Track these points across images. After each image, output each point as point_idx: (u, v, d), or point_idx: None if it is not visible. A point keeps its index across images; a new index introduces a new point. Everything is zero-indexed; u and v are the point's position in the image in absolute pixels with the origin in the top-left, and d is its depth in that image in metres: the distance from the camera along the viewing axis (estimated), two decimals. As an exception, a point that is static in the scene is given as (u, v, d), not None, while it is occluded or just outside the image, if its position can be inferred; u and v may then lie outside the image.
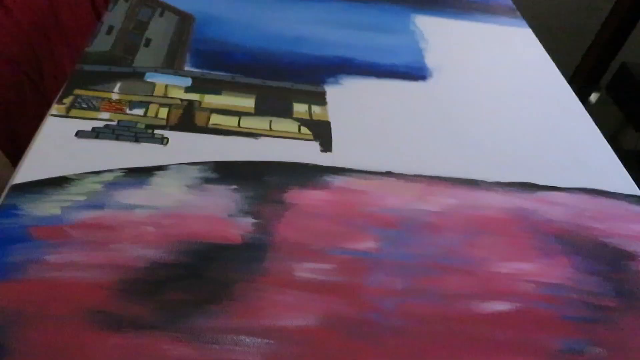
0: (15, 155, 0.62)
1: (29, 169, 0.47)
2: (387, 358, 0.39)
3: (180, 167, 0.50)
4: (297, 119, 0.58)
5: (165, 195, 0.47)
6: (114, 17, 0.70)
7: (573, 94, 0.72)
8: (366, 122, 0.60)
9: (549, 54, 0.79)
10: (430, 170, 0.55)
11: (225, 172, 0.50)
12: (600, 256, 0.50)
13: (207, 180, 0.49)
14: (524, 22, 0.87)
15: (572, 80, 1.62)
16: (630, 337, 0.43)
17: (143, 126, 0.53)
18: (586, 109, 0.69)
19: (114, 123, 0.53)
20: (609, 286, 0.47)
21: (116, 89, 0.57)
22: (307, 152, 0.54)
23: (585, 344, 0.42)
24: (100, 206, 0.45)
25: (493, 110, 0.66)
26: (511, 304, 0.44)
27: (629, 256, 0.50)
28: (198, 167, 0.50)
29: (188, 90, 0.59)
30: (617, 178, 0.59)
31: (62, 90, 0.56)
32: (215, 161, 0.51)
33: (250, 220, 0.46)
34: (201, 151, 0.52)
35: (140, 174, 0.48)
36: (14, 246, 0.41)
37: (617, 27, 1.50)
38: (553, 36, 1.07)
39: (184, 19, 0.71)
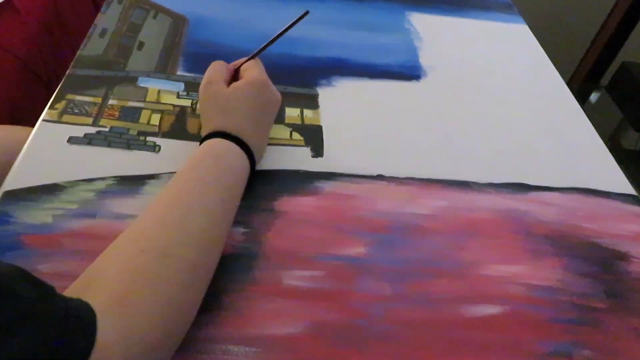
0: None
1: (21, 175, 0.48)
2: (376, 364, 0.39)
3: (172, 176, 0.50)
4: (289, 125, 0.58)
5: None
6: (107, 19, 0.70)
7: (568, 91, 0.72)
8: (358, 124, 0.60)
9: (548, 54, 0.79)
10: (422, 173, 0.55)
11: (216, 178, 0.50)
12: (592, 257, 0.50)
13: (199, 187, 0.49)
14: (520, 18, 0.86)
15: (572, 80, 1.61)
16: (618, 339, 0.44)
17: (135, 133, 0.53)
18: (586, 109, 0.69)
19: (106, 129, 0.53)
20: (599, 287, 0.47)
21: (109, 94, 0.57)
22: (299, 158, 0.54)
23: (574, 347, 0.42)
24: (92, 215, 0.45)
25: (486, 110, 0.66)
26: (500, 307, 0.44)
27: (621, 256, 0.51)
28: (189, 174, 0.50)
29: (180, 95, 0.59)
30: (611, 177, 0.59)
31: (54, 95, 0.57)
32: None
33: (240, 229, 0.46)
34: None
35: (132, 183, 0.49)
36: (6, 254, 0.41)
37: (617, 27, 1.49)
38: (553, 36, 1.07)
39: (177, 21, 0.71)
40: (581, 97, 0.69)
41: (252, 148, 0.47)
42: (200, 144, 0.47)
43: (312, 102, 0.62)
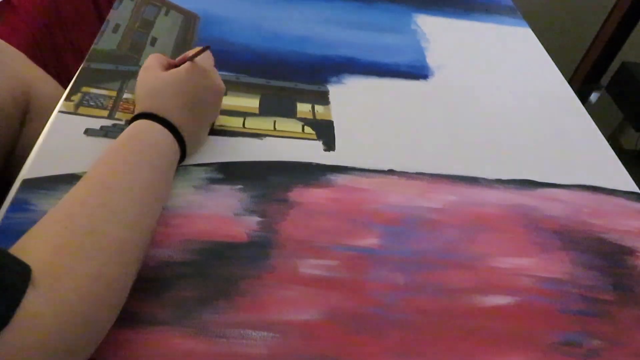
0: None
1: (39, 165, 0.48)
2: (390, 351, 0.40)
3: (187, 168, 0.51)
4: (300, 119, 0.59)
5: (173, 195, 0.48)
6: (120, 15, 0.71)
7: (572, 92, 0.73)
8: (368, 121, 0.61)
9: (549, 54, 0.80)
10: (432, 168, 0.56)
11: (230, 172, 0.51)
12: (598, 251, 0.51)
13: (213, 181, 0.50)
14: (523, 22, 0.88)
15: (572, 80, 1.63)
16: (626, 329, 0.44)
17: (150, 125, 0.54)
18: (586, 109, 0.70)
19: (122, 122, 0.54)
20: (607, 280, 0.48)
21: (123, 88, 0.58)
22: (311, 151, 0.55)
23: (583, 337, 0.43)
24: (109, 204, 0.46)
25: (493, 108, 0.67)
26: (511, 297, 0.45)
27: (627, 251, 0.52)
28: (204, 168, 0.51)
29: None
30: (615, 175, 0.60)
31: (69, 87, 0.57)
32: (220, 162, 0.52)
33: (255, 218, 0.47)
34: (207, 152, 0.53)
35: (148, 172, 0.49)
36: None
37: (617, 27, 1.51)
38: (553, 36, 1.08)
39: (189, 18, 0.72)
40: (581, 97, 0.70)
41: (180, 130, 0.47)
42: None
43: (323, 98, 0.62)
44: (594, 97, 1.57)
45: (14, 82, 0.61)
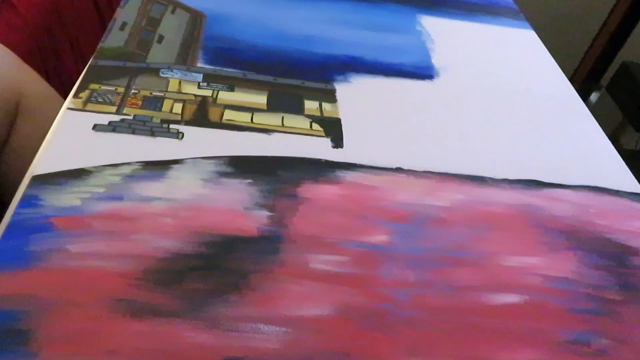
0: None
1: (48, 161, 0.48)
2: (400, 347, 0.40)
3: (196, 161, 0.51)
4: (308, 116, 0.59)
5: (182, 188, 0.48)
6: (127, 13, 0.71)
7: (576, 94, 0.74)
8: (375, 119, 0.61)
9: (549, 53, 0.81)
10: (439, 167, 0.56)
11: (239, 166, 0.51)
12: (605, 251, 0.51)
13: (222, 174, 0.50)
14: (527, 24, 0.88)
15: (572, 80, 1.63)
16: (633, 328, 0.45)
17: (158, 121, 0.54)
18: (586, 109, 0.71)
19: (130, 117, 0.54)
20: (613, 280, 0.48)
21: (131, 84, 0.58)
22: (319, 147, 0.55)
23: (591, 335, 0.43)
24: (119, 198, 0.46)
25: (499, 109, 0.67)
26: (519, 296, 0.45)
27: (632, 251, 0.52)
28: (213, 161, 0.51)
29: (201, 86, 0.60)
30: (620, 176, 0.61)
31: (77, 84, 0.57)
32: (229, 156, 0.52)
33: (265, 213, 0.47)
34: (215, 146, 0.53)
35: (157, 167, 0.49)
36: (37, 235, 0.42)
37: (617, 27, 1.51)
38: (553, 36, 1.09)
39: (195, 17, 0.72)
40: (581, 97, 0.71)
41: None
42: None
43: (330, 96, 0.63)
44: (594, 97, 1.57)
45: (3, 80, 0.60)
